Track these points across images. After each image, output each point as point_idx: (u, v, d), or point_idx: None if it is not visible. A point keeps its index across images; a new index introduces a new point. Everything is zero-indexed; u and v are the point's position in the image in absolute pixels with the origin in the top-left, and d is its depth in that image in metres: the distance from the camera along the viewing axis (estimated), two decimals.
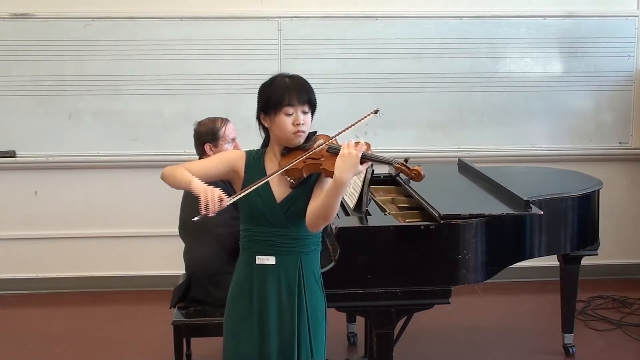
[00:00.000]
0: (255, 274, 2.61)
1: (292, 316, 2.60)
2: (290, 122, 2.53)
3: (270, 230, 2.58)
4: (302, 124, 2.53)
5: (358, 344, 4.29)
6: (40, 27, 4.88)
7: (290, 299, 2.60)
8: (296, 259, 2.60)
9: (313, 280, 2.65)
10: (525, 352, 4.21)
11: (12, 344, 4.35)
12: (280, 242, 2.59)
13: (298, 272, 2.60)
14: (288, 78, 2.58)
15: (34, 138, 4.98)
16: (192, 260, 3.60)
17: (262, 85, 2.61)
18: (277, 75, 2.60)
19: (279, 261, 2.59)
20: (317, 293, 2.66)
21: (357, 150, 2.41)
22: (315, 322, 2.64)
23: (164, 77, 4.96)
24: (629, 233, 5.36)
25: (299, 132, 2.53)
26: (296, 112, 2.53)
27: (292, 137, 2.54)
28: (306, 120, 2.55)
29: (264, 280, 2.60)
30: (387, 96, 5.06)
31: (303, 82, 2.59)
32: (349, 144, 2.42)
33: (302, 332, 2.61)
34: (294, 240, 2.59)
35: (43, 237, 5.11)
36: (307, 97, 2.55)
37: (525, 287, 5.16)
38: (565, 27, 5.12)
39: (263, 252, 2.60)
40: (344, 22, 5.00)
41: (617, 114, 5.24)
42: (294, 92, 2.53)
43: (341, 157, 2.41)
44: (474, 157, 4.82)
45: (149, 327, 4.50)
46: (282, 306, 2.60)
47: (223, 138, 3.58)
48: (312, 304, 2.63)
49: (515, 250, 3.39)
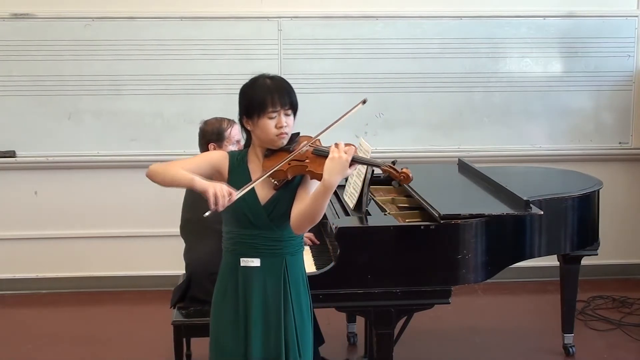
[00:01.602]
0: (240, 276, 2.60)
1: (278, 318, 2.59)
2: (273, 125, 2.51)
3: (255, 233, 2.57)
4: (285, 127, 2.52)
5: (358, 344, 4.29)
6: (40, 27, 4.88)
7: (276, 300, 2.59)
8: (281, 260, 2.60)
9: (299, 280, 2.64)
10: (525, 352, 4.21)
11: (12, 344, 4.35)
12: (265, 244, 2.58)
13: (283, 273, 2.59)
14: (269, 79, 2.55)
15: (34, 138, 4.98)
16: (193, 259, 3.60)
17: (242, 87, 2.59)
18: (259, 77, 2.57)
19: (264, 263, 2.58)
20: (303, 293, 2.65)
21: (348, 154, 2.39)
22: (302, 323, 2.63)
23: (163, 77, 4.96)
24: (629, 233, 5.36)
25: (282, 135, 2.52)
26: (279, 115, 2.51)
27: (275, 139, 2.53)
28: (289, 122, 2.53)
29: (249, 282, 2.59)
30: (387, 96, 5.07)
31: (284, 83, 2.56)
32: (339, 147, 2.41)
33: (290, 333, 2.60)
34: (278, 242, 2.58)
35: (43, 237, 5.11)
36: (289, 100, 2.53)
37: (525, 287, 5.16)
38: (565, 27, 5.12)
39: (247, 255, 2.59)
40: (344, 22, 5.00)
41: (617, 114, 5.24)
42: (276, 95, 2.51)
43: (331, 160, 2.39)
44: (474, 157, 4.82)
45: (149, 327, 4.50)
46: (268, 308, 2.59)
47: (228, 139, 3.57)
48: (299, 305, 2.63)
49: (515, 250, 3.39)
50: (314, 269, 3.13)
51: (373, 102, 5.04)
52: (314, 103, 4.83)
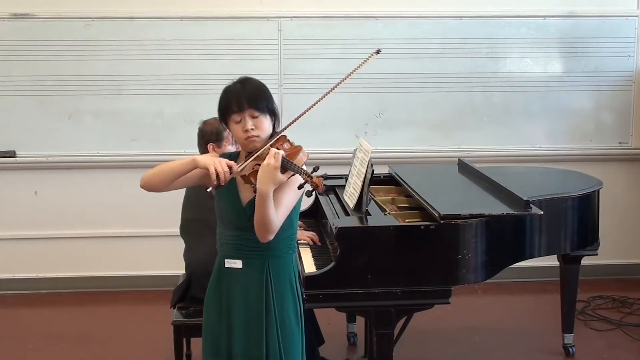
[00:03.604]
0: (224, 277, 2.62)
1: (259, 319, 2.59)
2: (240, 129, 2.51)
3: (237, 234, 2.58)
4: (251, 129, 2.50)
5: (358, 344, 4.29)
6: (40, 27, 4.88)
7: (257, 302, 2.59)
8: (263, 262, 2.60)
9: (285, 284, 2.64)
10: (525, 352, 4.21)
11: (12, 344, 4.35)
12: (247, 245, 2.58)
13: (265, 276, 2.59)
14: (240, 84, 2.56)
15: (34, 138, 4.98)
16: (193, 259, 3.60)
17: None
18: (236, 81, 2.58)
19: (245, 264, 2.59)
20: (287, 297, 2.64)
21: (276, 160, 2.38)
22: (286, 326, 2.63)
23: (164, 77, 4.96)
24: (629, 233, 5.36)
25: (250, 137, 2.51)
26: (244, 119, 2.51)
27: (245, 142, 2.53)
28: (258, 125, 2.52)
29: (231, 283, 2.61)
30: (387, 96, 5.07)
31: (253, 87, 2.55)
32: (274, 154, 2.39)
33: (271, 336, 2.59)
34: (259, 244, 2.56)
35: (43, 237, 5.11)
36: (254, 103, 2.51)
37: (525, 287, 5.16)
38: (565, 27, 5.12)
39: (231, 256, 2.61)
40: (344, 22, 5.00)
41: (617, 114, 5.24)
42: (237, 99, 2.51)
43: (261, 168, 2.39)
44: (474, 157, 4.82)
45: (149, 327, 4.50)
46: (249, 309, 2.60)
47: (227, 139, 3.57)
48: (282, 309, 2.62)
49: (515, 250, 3.39)
50: (314, 269, 3.12)
51: (373, 102, 5.08)
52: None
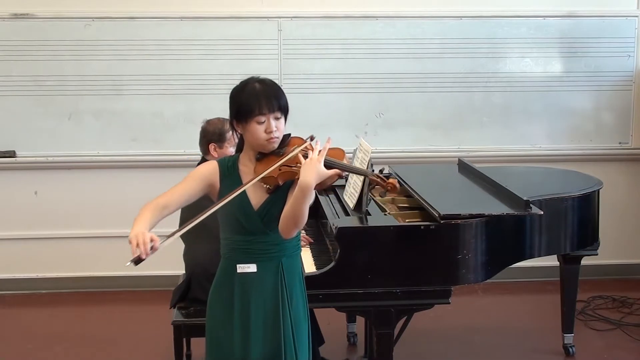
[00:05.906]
0: (237, 282, 2.59)
1: (276, 319, 2.58)
2: (263, 130, 2.50)
3: (249, 239, 2.57)
4: (274, 131, 2.51)
5: (358, 344, 4.29)
6: (40, 27, 4.88)
7: (274, 305, 2.58)
8: (277, 263, 2.59)
9: (296, 282, 2.64)
10: (525, 352, 4.21)
11: (12, 344, 4.35)
12: (260, 249, 2.57)
13: (280, 276, 2.59)
14: (258, 83, 2.54)
15: (34, 138, 4.98)
16: (192, 260, 3.60)
17: (232, 91, 2.58)
18: (249, 80, 2.57)
19: (260, 268, 2.58)
20: (299, 293, 2.64)
21: (320, 155, 2.41)
22: (298, 326, 2.63)
23: (164, 77, 4.96)
24: (629, 233, 5.36)
25: (272, 139, 2.51)
26: (268, 120, 2.50)
27: (265, 144, 2.52)
28: (279, 126, 2.52)
29: (246, 288, 2.58)
30: (387, 96, 5.07)
31: (274, 87, 2.55)
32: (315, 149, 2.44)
33: (287, 337, 2.59)
34: (273, 246, 2.56)
35: (43, 237, 5.11)
36: (277, 104, 2.52)
37: (525, 287, 5.16)
38: (565, 27, 5.12)
39: (243, 261, 2.58)
40: (344, 22, 5.00)
41: (617, 114, 5.24)
42: (264, 100, 2.50)
43: (306, 162, 2.42)
44: (474, 157, 4.82)
45: (149, 327, 4.50)
46: (266, 311, 2.58)
47: (229, 140, 3.57)
48: (295, 305, 2.62)
49: (515, 250, 3.39)
50: (314, 269, 3.13)
51: (373, 102, 5.08)
52: (314, 103, 4.83)
